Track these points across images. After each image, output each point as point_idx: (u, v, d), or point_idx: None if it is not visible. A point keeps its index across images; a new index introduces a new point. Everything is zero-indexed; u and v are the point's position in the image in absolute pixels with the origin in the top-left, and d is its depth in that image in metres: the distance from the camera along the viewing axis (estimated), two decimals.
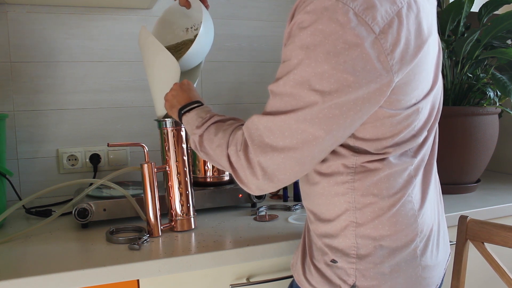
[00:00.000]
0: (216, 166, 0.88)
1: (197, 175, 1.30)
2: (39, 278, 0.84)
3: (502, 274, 1.01)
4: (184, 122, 0.93)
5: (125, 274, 0.89)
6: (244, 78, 1.64)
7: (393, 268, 0.76)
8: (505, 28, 1.27)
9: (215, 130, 0.83)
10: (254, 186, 0.76)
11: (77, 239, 1.06)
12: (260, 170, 0.73)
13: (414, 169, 0.78)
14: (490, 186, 1.51)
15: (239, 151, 0.76)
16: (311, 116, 0.67)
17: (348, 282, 0.77)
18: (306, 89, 0.67)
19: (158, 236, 1.05)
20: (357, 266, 0.76)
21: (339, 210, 0.77)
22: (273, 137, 0.71)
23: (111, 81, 1.47)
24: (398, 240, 0.76)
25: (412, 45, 0.68)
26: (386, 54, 0.65)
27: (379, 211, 0.75)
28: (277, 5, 1.64)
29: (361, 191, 0.75)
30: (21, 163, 1.40)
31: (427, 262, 0.79)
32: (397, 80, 0.68)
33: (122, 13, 1.46)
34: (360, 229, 0.76)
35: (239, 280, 1.01)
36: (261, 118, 0.72)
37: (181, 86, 0.99)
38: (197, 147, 0.87)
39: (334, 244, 0.78)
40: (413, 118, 0.74)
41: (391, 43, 0.65)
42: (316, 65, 0.65)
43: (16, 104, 1.38)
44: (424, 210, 0.79)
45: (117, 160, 1.48)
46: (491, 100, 1.35)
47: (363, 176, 0.75)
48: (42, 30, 1.39)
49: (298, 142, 0.70)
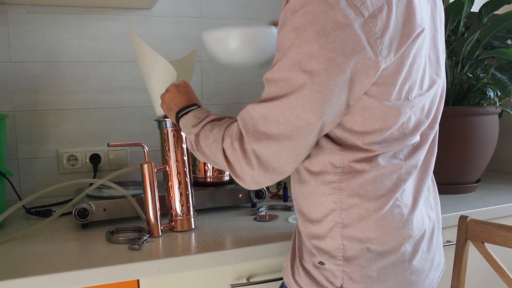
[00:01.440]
0: (213, 165, 0.87)
1: (197, 175, 1.30)
2: (39, 278, 0.84)
3: (502, 274, 1.01)
4: (181, 124, 0.93)
5: (125, 274, 0.89)
6: (244, 78, 1.64)
7: (380, 271, 0.76)
8: (505, 28, 1.27)
9: (210, 127, 0.84)
10: (249, 178, 0.76)
11: (77, 239, 1.06)
12: (255, 159, 0.73)
13: (405, 174, 0.77)
14: (490, 186, 1.51)
15: (234, 141, 0.76)
16: (303, 101, 0.68)
17: (336, 284, 0.77)
18: (297, 71, 0.67)
19: (158, 236, 1.05)
20: (344, 268, 0.76)
21: (326, 210, 0.77)
22: (267, 125, 0.71)
23: (111, 81, 1.47)
24: (385, 244, 0.75)
25: (400, 34, 0.68)
26: (376, 38, 0.66)
27: (365, 213, 0.75)
28: (277, 5, 1.64)
29: (347, 191, 0.75)
30: (21, 163, 1.40)
31: (416, 266, 0.78)
32: (385, 67, 0.68)
33: (122, 13, 1.46)
34: (346, 230, 0.75)
35: (239, 280, 1.01)
36: (255, 107, 0.73)
37: (178, 88, 0.99)
38: (193, 146, 0.87)
39: (321, 245, 0.78)
40: (403, 114, 0.73)
41: (380, 28, 0.66)
42: (306, 45, 0.65)
43: (16, 104, 1.38)
44: (415, 215, 0.78)
45: (117, 160, 1.48)
46: (491, 100, 1.35)
47: (350, 177, 0.74)
48: (42, 30, 1.39)
49: (292, 129, 0.70)
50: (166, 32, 1.51)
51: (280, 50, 0.70)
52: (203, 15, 1.56)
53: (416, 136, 0.78)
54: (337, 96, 0.68)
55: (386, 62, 0.68)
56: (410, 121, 0.76)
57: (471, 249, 1.11)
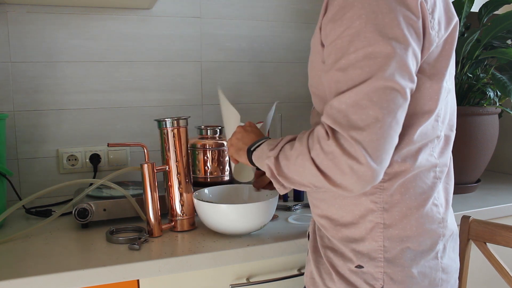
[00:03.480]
0: (304, 188, 0.75)
1: (197, 175, 1.30)
2: (39, 278, 0.84)
3: (505, 274, 1.01)
4: (254, 158, 0.85)
5: (125, 274, 0.89)
6: (244, 78, 1.64)
7: (419, 270, 0.76)
8: (505, 28, 1.27)
9: (290, 146, 0.75)
10: (355, 178, 0.65)
11: (77, 239, 1.06)
12: (360, 150, 0.64)
13: (440, 172, 0.78)
14: (490, 186, 1.51)
15: (324, 145, 0.67)
16: (391, 70, 0.65)
17: (376, 286, 0.75)
18: (381, 40, 0.65)
19: (158, 236, 1.05)
20: (385, 269, 0.75)
21: (363, 211, 0.76)
22: (362, 110, 0.65)
23: (111, 81, 1.47)
24: (423, 243, 0.76)
25: (445, 17, 0.74)
26: (428, 14, 0.69)
27: (407, 211, 0.75)
28: (277, 5, 1.64)
29: (390, 190, 0.75)
30: (21, 163, 1.40)
31: (446, 264, 0.79)
32: (436, 44, 0.72)
33: (122, 13, 1.46)
34: (388, 230, 0.75)
35: (239, 280, 1.01)
36: (340, 98, 0.67)
37: (244, 128, 0.95)
38: (274, 172, 0.76)
39: (359, 248, 0.76)
40: (442, 100, 0.75)
41: (430, 5, 0.70)
42: (383, 16, 0.66)
43: (16, 104, 1.38)
44: (448, 214, 0.80)
45: (117, 160, 1.48)
46: (491, 100, 1.35)
47: (393, 176, 0.74)
48: (42, 30, 1.39)
49: (389, 103, 0.65)
50: (166, 32, 1.51)
51: (342, 38, 0.67)
52: (203, 15, 1.56)
53: (445, 129, 0.79)
54: (411, 62, 0.68)
55: (438, 36, 0.71)
56: (441, 112, 0.77)
57: (473, 249, 1.11)
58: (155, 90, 1.52)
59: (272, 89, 1.67)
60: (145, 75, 1.50)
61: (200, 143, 1.29)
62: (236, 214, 0.98)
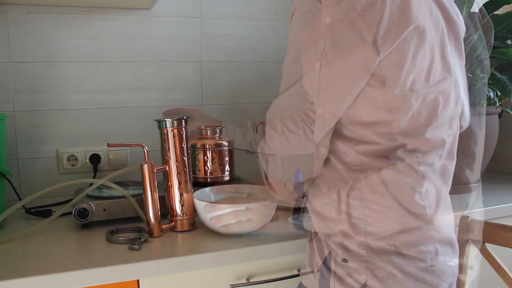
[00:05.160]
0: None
1: (197, 175, 1.30)
2: (39, 278, 0.84)
3: (503, 274, 1.01)
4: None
5: (125, 274, 0.89)
6: (244, 78, 1.64)
7: (403, 269, 0.76)
8: (505, 28, 1.27)
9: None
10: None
11: (77, 239, 1.06)
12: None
13: (424, 171, 0.77)
14: (490, 186, 1.51)
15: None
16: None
17: (360, 281, 0.77)
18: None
19: (158, 236, 1.05)
20: (368, 265, 0.76)
21: (347, 207, 0.78)
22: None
23: (111, 81, 1.47)
24: (406, 242, 0.76)
25: (397, 25, 0.70)
26: (369, 29, 0.69)
27: (388, 209, 0.75)
28: (277, 5, 1.64)
29: (368, 188, 0.76)
30: (21, 163, 1.40)
31: (438, 267, 0.78)
32: (384, 57, 0.70)
33: (122, 13, 1.46)
34: (370, 227, 0.76)
35: (239, 280, 1.01)
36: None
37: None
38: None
39: (344, 243, 0.78)
40: (410, 106, 0.74)
41: (374, 20, 0.69)
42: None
43: (16, 104, 1.38)
44: (440, 218, 0.79)
45: (117, 160, 1.48)
46: (491, 100, 1.35)
47: (370, 173, 0.75)
48: (42, 30, 1.39)
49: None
50: (166, 32, 1.51)
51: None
52: (203, 15, 1.56)
53: (429, 132, 0.78)
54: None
55: (383, 50, 0.70)
56: (420, 114, 0.76)
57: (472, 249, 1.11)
58: (155, 90, 1.52)
59: (272, 89, 1.67)
60: (145, 75, 1.50)
61: (200, 143, 1.29)
62: (236, 214, 0.99)
